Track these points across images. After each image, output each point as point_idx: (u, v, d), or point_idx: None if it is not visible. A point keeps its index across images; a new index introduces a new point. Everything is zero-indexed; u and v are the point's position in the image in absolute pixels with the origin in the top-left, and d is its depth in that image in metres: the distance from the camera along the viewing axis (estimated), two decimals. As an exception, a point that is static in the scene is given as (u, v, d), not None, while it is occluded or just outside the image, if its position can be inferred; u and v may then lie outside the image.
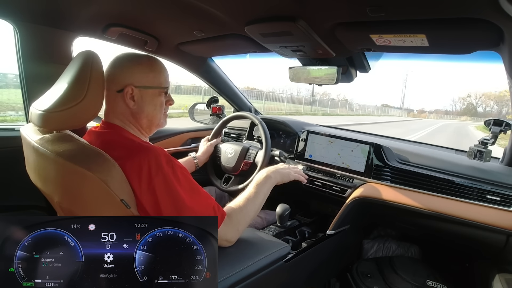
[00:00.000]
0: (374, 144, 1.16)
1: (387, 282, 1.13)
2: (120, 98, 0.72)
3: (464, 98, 37.20)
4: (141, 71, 0.73)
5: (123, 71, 0.72)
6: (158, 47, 1.29)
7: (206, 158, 1.33)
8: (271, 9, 0.81)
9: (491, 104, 36.45)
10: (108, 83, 0.71)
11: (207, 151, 1.34)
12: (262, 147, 1.23)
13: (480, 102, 36.18)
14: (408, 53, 0.94)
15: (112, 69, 0.72)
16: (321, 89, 6.66)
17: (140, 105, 0.73)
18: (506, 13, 0.56)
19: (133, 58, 0.74)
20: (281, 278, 0.88)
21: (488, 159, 0.97)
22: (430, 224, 1.05)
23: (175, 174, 0.68)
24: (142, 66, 0.73)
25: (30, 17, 0.99)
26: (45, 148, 0.61)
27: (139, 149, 0.66)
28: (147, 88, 0.73)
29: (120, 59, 0.74)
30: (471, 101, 36.44)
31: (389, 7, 0.67)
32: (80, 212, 0.61)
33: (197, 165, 1.28)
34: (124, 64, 0.73)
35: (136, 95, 0.72)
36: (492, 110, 35.86)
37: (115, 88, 0.71)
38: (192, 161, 1.27)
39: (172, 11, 0.96)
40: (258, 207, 0.86)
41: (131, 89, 0.71)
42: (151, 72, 0.74)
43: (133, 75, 0.72)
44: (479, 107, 36.16)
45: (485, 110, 36.03)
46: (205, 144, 1.36)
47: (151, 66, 0.75)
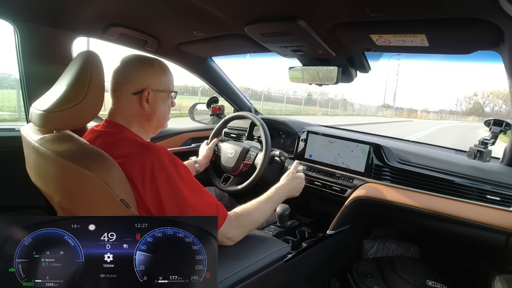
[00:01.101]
0: (374, 144, 1.16)
1: (387, 282, 1.13)
2: (135, 100, 0.73)
3: (470, 97, 35.80)
4: (155, 75, 0.75)
5: (139, 74, 0.73)
6: (158, 47, 1.29)
7: (206, 162, 1.33)
8: (271, 9, 0.81)
9: (499, 103, 35.58)
10: (122, 84, 0.73)
11: (207, 155, 1.34)
12: (262, 149, 1.23)
13: (487, 101, 35.16)
14: (409, 53, 0.94)
15: (125, 71, 0.74)
16: (317, 88, 6.40)
17: (154, 107, 0.76)
18: (506, 13, 0.56)
19: (145, 61, 0.76)
20: (281, 278, 0.88)
21: (488, 159, 0.97)
22: (430, 224, 1.05)
23: (178, 172, 0.68)
24: (155, 69, 0.76)
25: (30, 17, 0.99)
26: (45, 148, 0.61)
27: (142, 148, 0.67)
28: (160, 91, 0.76)
29: (132, 61, 0.75)
30: (478, 100, 35.24)
31: (389, 7, 0.67)
32: (80, 212, 0.62)
33: (197, 170, 1.27)
34: (137, 66, 0.74)
35: (151, 97, 0.74)
36: (501, 110, 34.84)
37: (131, 90, 0.73)
38: (193, 165, 1.27)
39: (172, 11, 0.96)
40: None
41: (148, 92, 0.73)
42: (164, 76, 0.77)
43: (149, 78, 0.74)
44: (486, 107, 35.08)
45: (493, 110, 34.89)
46: (205, 148, 1.36)
47: (163, 70, 0.77)
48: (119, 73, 0.73)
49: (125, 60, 0.75)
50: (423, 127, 19.04)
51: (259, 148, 1.31)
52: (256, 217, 0.83)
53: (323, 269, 1.18)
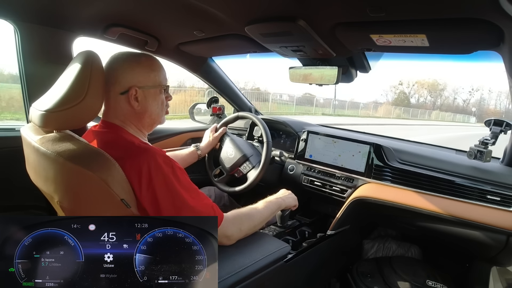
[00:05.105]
0: (374, 144, 1.16)
1: (387, 282, 1.13)
2: (124, 100, 0.72)
3: (395, 86, 34.28)
4: (143, 72, 0.73)
5: (124, 73, 0.71)
6: (159, 47, 1.29)
7: (209, 150, 1.32)
8: (271, 9, 0.81)
9: (424, 94, 34.73)
10: (109, 85, 0.71)
11: (211, 143, 1.32)
12: (258, 166, 1.21)
13: (413, 91, 34.04)
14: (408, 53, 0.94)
15: (111, 71, 0.71)
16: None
17: (144, 105, 0.74)
18: (506, 13, 0.56)
19: (132, 58, 0.74)
20: (281, 278, 0.88)
21: (489, 159, 0.97)
22: (431, 224, 1.05)
23: (175, 173, 0.68)
24: (142, 66, 0.73)
25: (31, 17, 0.99)
26: (46, 148, 0.61)
27: (139, 151, 0.67)
28: (149, 88, 0.74)
29: (118, 59, 0.73)
30: (403, 90, 33.86)
31: (389, 7, 0.67)
32: (81, 211, 0.62)
33: (199, 155, 1.27)
34: (124, 65, 0.72)
35: (139, 95, 0.72)
36: (426, 101, 33.90)
37: (117, 90, 0.71)
38: (195, 152, 1.27)
39: (172, 11, 0.96)
40: (263, 216, 0.87)
41: (135, 90, 0.71)
42: (152, 71, 0.74)
43: (135, 76, 0.72)
44: (412, 97, 33.94)
45: (418, 101, 33.73)
46: (211, 135, 1.34)
47: (151, 65, 0.75)
48: (106, 73, 0.70)
49: (111, 59, 0.73)
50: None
51: (258, 160, 1.26)
52: (254, 215, 0.84)
53: (323, 269, 1.17)
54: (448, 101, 36.05)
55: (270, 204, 0.93)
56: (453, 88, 37.06)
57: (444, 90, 36.17)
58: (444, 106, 33.80)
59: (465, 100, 35.18)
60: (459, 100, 35.62)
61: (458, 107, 34.57)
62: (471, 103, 35.06)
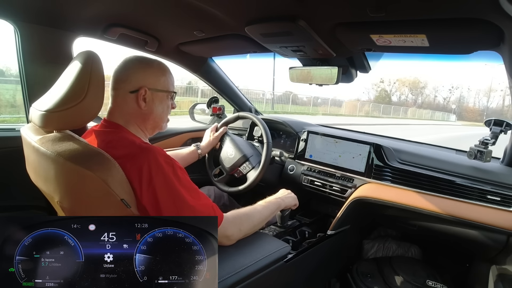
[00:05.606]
0: (374, 144, 1.16)
1: (387, 282, 1.13)
2: (132, 99, 0.74)
3: (377, 84, 33.90)
4: (154, 74, 0.76)
5: (137, 73, 0.75)
6: (159, 47, 1.29)
7: (209, 150, 1.32)
8: (271, 9, 0.81)
9: (405, 92, 34.64)
10: (120, 83, 0.74)
11: (212, 143, 1.32)
12: (258, 167, 1.21)
13: (394, 89, 33.86)
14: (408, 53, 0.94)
15: (124, 70, 0.75)
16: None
17: (150, 106, 0.76)
18: (506, 13, 0.56)
19: (145, 61, 0.77)
20: (281, 278, 0.88)
21: (489, 159, 0.97)
22: (431, 224, 1.05)
23: (176, 173, 0.68)
24: (154, 69, 0.77)
25: (31, 17, 0.99)
26: (46, 148, 0.61)
27: (140, 150, 0.67)
28: (158, 91, 0.77)
29: (132, 61, 0.76)
30: (385, 87, 33.65)
31: (389, 7, 0.67)
32: (81, 211, 0.61)
33: (200, 155, 1.28)
34: (137, 66, 0.76)
35: (148, 97, 0.75)
36: (407, 99, 33.79)
37: (128, 88, 0.74)
38: (195, 151, 1.27)
39: (172, 11, 0.96)
40: (263, 216, 0.88)
41: (144, 90, 0.74)
42: (162, 76, 0.78)
43: (147, 77, 0.75)
44: (393, 95, 33.76)
45: (399, 99, 33.58)
46: (211, 135, 1.34)
47: (162, 70, 0.79)
48: (118, 72, 0.75)
49: (125, 60, 0.77)
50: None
51: (258, 161, 1.26)
52: (254, 215, 0.85)
53: (323, 269, 1.17)
54: (429, 98, 35.87)
55: (270, 204, 0.94)
56: (433, 86, 37.02)
57: (425, 88, 36.12)
58: (425, 104, 33.63)
59: (445, 98, 35.08)
60: (439, 98, 35.52)
61: (438, 105, 34.41)
62: (451, 100, 35.03)
